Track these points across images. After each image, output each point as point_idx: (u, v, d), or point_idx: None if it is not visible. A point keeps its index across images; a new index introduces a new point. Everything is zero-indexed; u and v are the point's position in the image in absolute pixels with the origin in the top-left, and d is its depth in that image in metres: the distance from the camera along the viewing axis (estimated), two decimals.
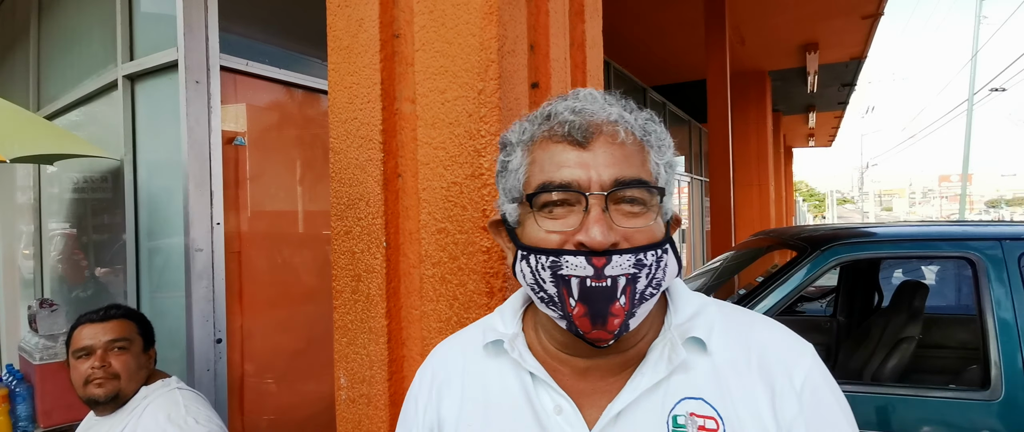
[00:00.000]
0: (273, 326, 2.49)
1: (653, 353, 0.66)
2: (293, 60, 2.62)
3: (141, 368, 1.63)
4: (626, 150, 0.62)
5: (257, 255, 2.44)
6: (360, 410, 1.24)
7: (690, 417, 0.63)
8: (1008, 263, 2.13)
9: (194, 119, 2.15)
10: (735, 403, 0.63)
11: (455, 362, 0.76)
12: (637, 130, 0.64)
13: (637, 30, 6.28)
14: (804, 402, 0.62)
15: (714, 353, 0.66)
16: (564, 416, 0.65)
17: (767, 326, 0.69)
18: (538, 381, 0.68)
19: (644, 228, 0.62)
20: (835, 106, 11.40)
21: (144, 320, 1.72)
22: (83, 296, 3.07)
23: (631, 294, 0.61)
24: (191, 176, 2.14)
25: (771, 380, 0.64)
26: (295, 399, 2.54)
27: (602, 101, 0.65)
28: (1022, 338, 2.03)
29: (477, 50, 1.04)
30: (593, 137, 0.62)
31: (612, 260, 0.60)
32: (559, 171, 0.62)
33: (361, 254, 1.22)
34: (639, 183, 0.62)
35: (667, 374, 0.64)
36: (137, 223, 2.46)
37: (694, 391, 0.64)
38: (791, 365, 0.64)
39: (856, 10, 5.91)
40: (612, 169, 0.61)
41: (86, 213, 3.05)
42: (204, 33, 2.18)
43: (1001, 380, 1.99)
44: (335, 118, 1.27)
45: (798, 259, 2.43)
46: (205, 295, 2.17)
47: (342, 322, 1.27)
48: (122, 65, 2.43)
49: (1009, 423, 1.96)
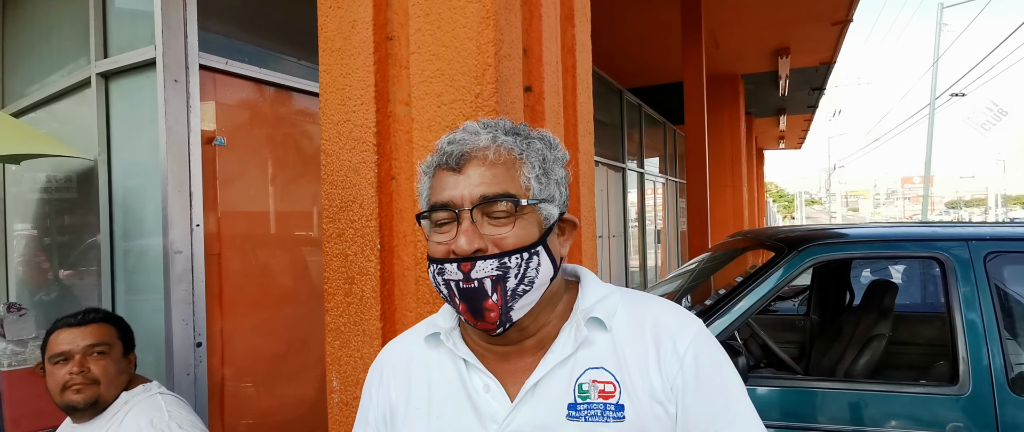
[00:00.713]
0: (254, 329, 2.45)
1: (563, 334, 0.78)
2: (274, 59, 2.58)
3: (121, 373, 1.59)
4: (496, 169, 0.73)
5: (237, 257, 2.40)
6: (353, 413, 1.24)
7: (593, 383, 0.74)
8: (974, 263, 2.21)
9: (173, 118, 2.10)
10: (630, 368, 0.74)
11: (401, 356, 0.88)
12: (513, 149, 0.75)
13: (614, 33, 6.34)
14: (685, 364, 0.74)
15: (614, 330, 0.77)
16: (491, 393, 0.77)
17: (662, 305, 0.81)
18: (470, 366, 0.79)
19: (511, 234, 0.72)
20: (805, 109, 11.68)
21: (123, 324, 1.67)
22: (51, 299, 2.98)
23: (503, 291, 0.72)
24: (170, 177, 2.10)
25: (659, 346, 0.75)
26: (276, 402, 2.51)
27: (480, 130, 0.76)
28: (988, 335, 2.11)
29: (474, 54, 1.05)
30: (466, 162, 0.74)
31: (476, 265, 0.71)
32: (441, 192, 0.75)
33: (354, 257, 1.22)
34: (503, 197, 0.72)
35: (574, 350, 0.76)
36: (112, 224, 2.39)
37: (596, 362, 0.76)
38: (676, 333, 0.76)
39: (826, 17, 6.07)
40: (479, 187, 0.73)
41: (52, 214, 2.96)
42: (183, 31, 2.14)
43: (968, 376, 2.07)
44: (327, 120, 1.27)
45: (775, 260, 2.48)
46: (184, 298, 2.13)
47: (335, 324, 1.26)
48: (96, 62, 2.37)
49: (975, 417, 2.04)
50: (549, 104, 1.26)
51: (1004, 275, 2.27)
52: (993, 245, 2.24)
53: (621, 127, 8.50)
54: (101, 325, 1.60)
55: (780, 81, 7.97)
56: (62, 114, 2.78)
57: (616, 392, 0.74)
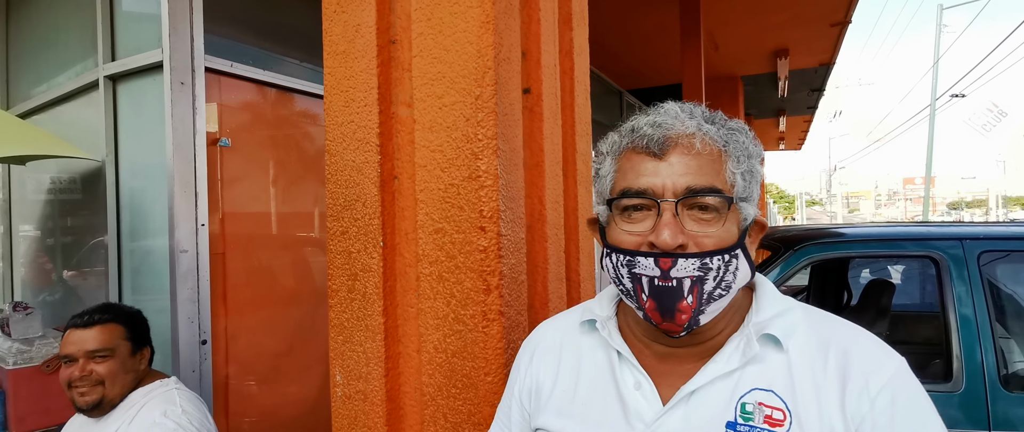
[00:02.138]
0: (257, 327, 2.49)
1: (729, 345, 0.72)
2: (277, 62, 2.62)
3: (128, 371, 1.61)
4: (701, 160, 0.68)
5: (241, 256, 2.43)
6: (356, 406, 1.27)
7: (758, 406, 0.67)
8: (968, 261, 2.24)
9: (179, 120, 2.14)
10: (806, 399, 0.65)
11: (554, 337, 0.86)
12: (717, 140, 0.69)
13: (614, 35, 6.38)
14: (878, 406, 0.63)
15: (790, 351, 0.69)
16: (642, 391, 0.73)
17: (854, 332, 0.71)
18: (623, 359, 0.76)
19: (713, 234, 0.67)
20: (805, 110, 11.69)
21: (135, 321, 1.69)
22: (56, 299, 3.02)
23: (698, 294, 0.67)
24: (176, 177, 2.14)
25: (845, 379, 0.65)
26: (279, 400, 2.54)
27: (682, 114, 0.71)
28: (982, 333, 2.14)
29: (474, 57, 1.09)
30: (669, 149, 0.68)
31: (677, 263, 0.66)
32: (637, 179, 0.69)
33: (357, 254, 1.25)
34: (711, 191, 0.67)
35: (741, 365, 0.69)
36: (119, 225, 2.43)
37: (766, 383, 0.68)
38: (871, 368, 0.66)
39: (825, 18, 6.09)
40: (685, 178, 0.67)
41: (58, 214, 3.00)
42: (189, 34, 2.18)
43: (962, 373, 2.10)
44: (331, 121, 1.30)
45: (772, 258, 2.52)
46: (190, 296, 2.17)
47: (338, 320, 1.30)
48: (103, 65, 2.41)
49: (969, 414, 2.07)
50: (548, 105, 1.30)
51: (997, 274, 2.31)
52: (987, 244, 2.28)
53: None
54: (107, 326, 1.60)
55: (779, 82, 8.00)
56: (67, 116, 2.82)
57: (786, 422, 0.65)
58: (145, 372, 1.67)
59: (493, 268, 1.08)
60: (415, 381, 1.22)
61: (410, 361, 1.23)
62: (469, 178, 1.09)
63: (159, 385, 1.65)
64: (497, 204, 1.08)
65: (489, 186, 1.08)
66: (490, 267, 1.08)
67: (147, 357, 1.69)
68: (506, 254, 1.10)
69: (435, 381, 1.16)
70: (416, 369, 1.21)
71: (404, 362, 1.24)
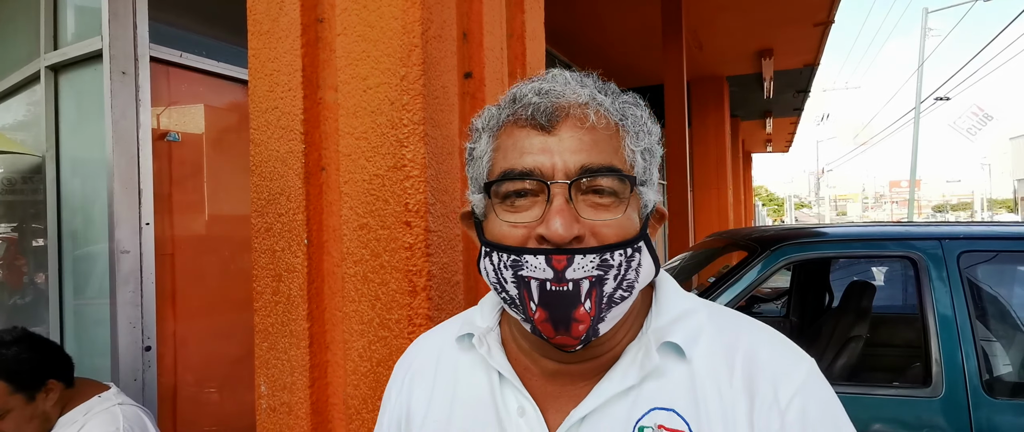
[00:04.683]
0: (209, 333, 2.36)
1: (625, 358, 0.61)
2: (234, 54, 2.50)
3: (32, 418, 1.45)
4: (597, 135, 0.57)
5: (192, 258, 2.31)
6: (281, 419, 1.16)
7: (658, 430, 0.58)
8: (948, 262, 2.16)
9: (120, 112, 2.02)
10: (710, 417, 0.57)
11: (430, 354, 0.73)
12: (613, 113, 0.59)
13: (597, 35, 6.30)
14: (788, 421, 0.56)
15: (694, 360, 0.60)
16: (525, 419, 0.61)
17: (762, 334, 0.63)
18: (504, 381, 0.64)
19: (614, 222, 0.57)
20: (791, 112, 11.70)
21: (13, 367, 1.46)
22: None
23: (598, 298, 0.56)
24: (117, 173, 2.01)
25: (753, 391, 0.58)
26: (232, 409, 2.42)
27: (573, 82, 0.60)
28: (962, 336, 2.06)
29: (400, 33, 0.98)
30: (559, 120, 0.57)
31: (574, 261, 0.55)
32: (521, 158, 0.57)
33: (281, 252, 1.14)
34: (610, 170, 0.56)
35: (638, 381, 0.59)
36: (60, 224, 2.30)
37: (666, 401, 0.59)
38: (779, 378, 0.58)
39: (808, 17, 6.06)
40: (579, 155, 0.56)
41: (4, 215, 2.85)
42: (132, 20, 2.05)
43: (941, 377, 2.02)
44: (255, 108, 1.19)
45: (749, 259, 2.43)
46: (132, 299, 2.04)
47: (263, 325, 1.19)
48: (45, 55, 2.28)
49: (949, 419, 1.98)
50: (491, 91, 1.19)
51: (978, 274, 2.23)
52: (967, 244, 2.20)
53: None
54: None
55: (764, 83, 7.96)
56: (15, 111, 2.68)
57: None
58: (66, 397, 1.52)
59: (420, 267, 0.97)
60: (342, 392, 1.11)
61: (338, 370, 1.12)
62: (394, 167, 0.99)
63: (97, 401, 1.52)
64: (424, 196, 0.97)
65: (415, 176, 0.97)
66: (416, 266, 0.97)
67: (56, 388, 1.51)
68: (435, 252, 0.99)
69: (360, 392, 1.05)
70: (343, 379, 1.10)
71: (331, 371, 1.13)
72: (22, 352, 1.48)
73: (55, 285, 2.28)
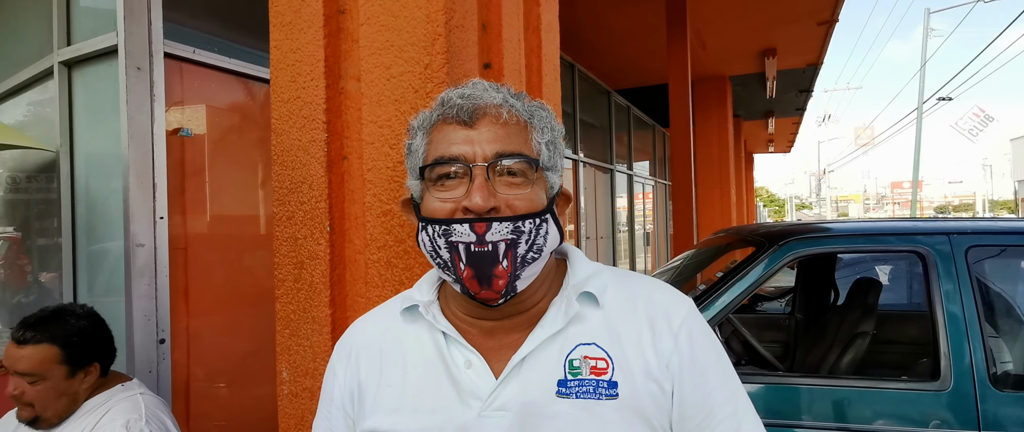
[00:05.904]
0: (222, 327, 2.38)
1: (553, 308, 0.75)
2: (245, 49, 2.52)
3: (63, 395, 1.46)
4: (508, 129, 0.71)
5: (206, 252, 2.33)
6: (303, 404, 1.18)
7: (584, 360, 0.72)
8: (956, 256, 2.17)
9: (135, 107, 2.04)
10: (623, 345, 0.72)
11: (372, 331, 0.83)
12: (523, 112, 0.74)
13: (601, 34, 6.32)
14: (679, 340, 0.73)
15: (606, 306, 0.75)
16: (474, 369, 0.73)
17: (652, 283, 0.80)
18: (450, 339, 0.76)
19: (524, 196, 0.70)
20: (793, 112, 11.71)
21: (82, 336, 1.50)
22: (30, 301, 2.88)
23: (513, 258, 0.69)
24: (132, 168, 2.03)
25: (652, 323, 0.74)
26: (245, 402, 2.44)
27: (490, 89, 0.74)
28: (970, 330, 2.07)
29: (423, 23, 1.00)
30: (479, 118, 0.71)
31: (492, 227, 0.68)
32: (449, 147, 0.71)
33: (304, 240, 1.16)
34: (519, 156, 0.70)
35: (564, 325, 0.73)
36: (74, 219, 2.32)
37: (588, 337, 0.73)
38: (669, 311, 0.75)
39: (812, 17, 6.07)
40: (494, 144, 0.70)
41: (17, 210, 2.87)
42: (147, 17, 2.07)
43: (950, 371, 2.03)
44: (277, 98, 1.21)
45: (756, 254, 2.44)
46: (146, 293, 2.06)
47: (284, 312, 1.20)
48: (58, 51, 2.30)
49: (957, 413, 2.00)
50: (509, 82, 1.21)
51: (986, 269, 2.24)
52: (975, 239, 2.21)
53: (609, 129, 8.48)
54: (39, 348, 1.44)
55: (767, 83, 7.98)
56: (28, 106, 2.70)
57: (609, 369, 0.71)
58: (96, 385, 1.54)
59: None
60: None
61: None
62: None
63: (120, 389, 1.55)
64: None
65: None
66: None
67: (95, 372, 1.53)
68: None
69: None
70: None
71: None
72: (87, 328, 1.52)
73: (69, 280, 2.30)
